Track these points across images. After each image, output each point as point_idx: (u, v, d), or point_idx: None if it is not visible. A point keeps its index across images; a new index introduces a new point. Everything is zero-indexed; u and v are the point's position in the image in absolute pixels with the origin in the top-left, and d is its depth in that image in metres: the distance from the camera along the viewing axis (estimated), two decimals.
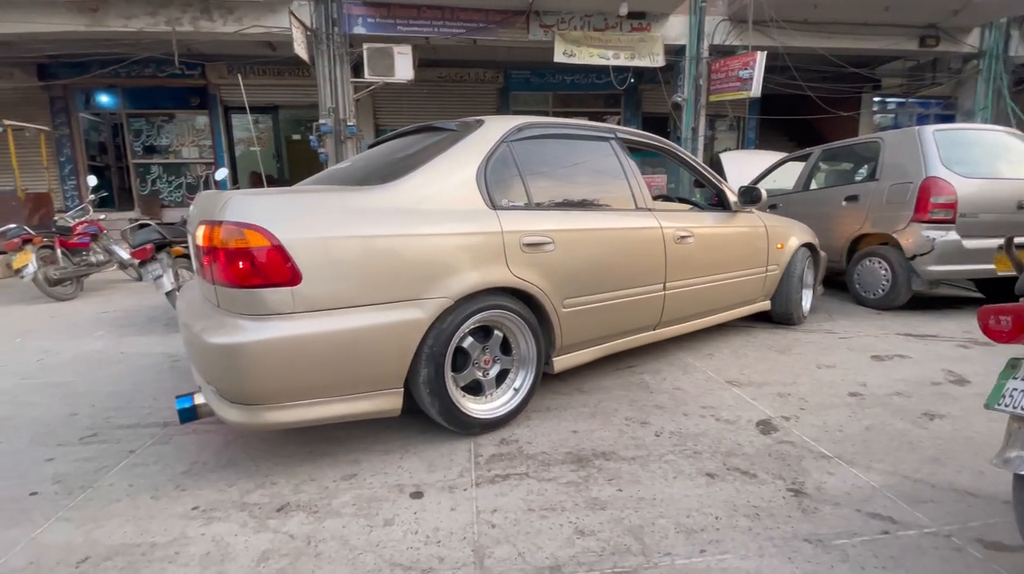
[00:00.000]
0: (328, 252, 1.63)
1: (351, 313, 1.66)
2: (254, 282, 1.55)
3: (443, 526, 1.44)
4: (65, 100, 10.34)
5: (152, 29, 7.61)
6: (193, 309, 1.86)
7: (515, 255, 2.00)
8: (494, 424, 2.03)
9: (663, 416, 2.16)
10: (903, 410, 2.19)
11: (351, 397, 1.72)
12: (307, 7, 7.63)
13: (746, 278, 3.16)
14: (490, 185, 2.06)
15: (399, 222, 1.78)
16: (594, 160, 2.57)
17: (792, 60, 8.83)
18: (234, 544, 1.39)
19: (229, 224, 1.55)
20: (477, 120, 2.25)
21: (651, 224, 2.55)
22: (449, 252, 1.84)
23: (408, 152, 2.22)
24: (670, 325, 2.78)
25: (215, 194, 1.74)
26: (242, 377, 1.55)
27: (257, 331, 1.55)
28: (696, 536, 1.40)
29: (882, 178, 4.11)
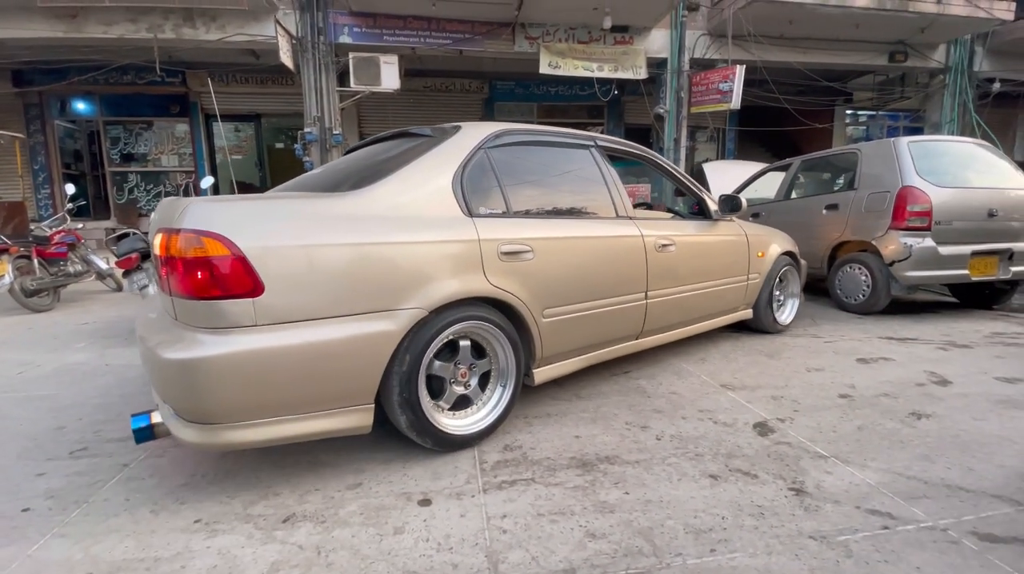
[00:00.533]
0: (292, 261, 1.54)
1: (317, 325, 1.57)
2: (213, 293, 1.46)
3: (454, 533, 1.44)
4: (40, 107, 10.10)
5: (133, 36, 7.51)
6: (150, 323, 1.77)
7: (492, 264, 1.94)
8: (470, 440, 1.94)
9: (662, 420, 2.19)
10: (891, 410, 2.26)
11: (317, 414, 1.63)
12: (292, 16, 7.61)
13: (728, 286, 3.16)
14: (467, 192, 2.00)
15: (369, 230, 1.70)
16: (574, 168, 2.54)
17: (769, 74, 9.11)
18: (241, 556, 1.36)
19: (187, 232, 1.46)
20: (454, 126, 2.19)
21: (632, 232, 2.51)
22: (423, 261, 1.78)
23: (381, 158, 2.16)
24: (653, 334, 2.76)
25: (174, 201, 1.66)
26: (199, 394, 1.47)
27: (215, 345, 1.46)
28: (705, 536, 1.42)
29: (860, 187, 4.26)
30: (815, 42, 9.01)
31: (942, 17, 8.13)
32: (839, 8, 7.80)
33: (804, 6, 7.79)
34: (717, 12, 8.58)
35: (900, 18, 8.10)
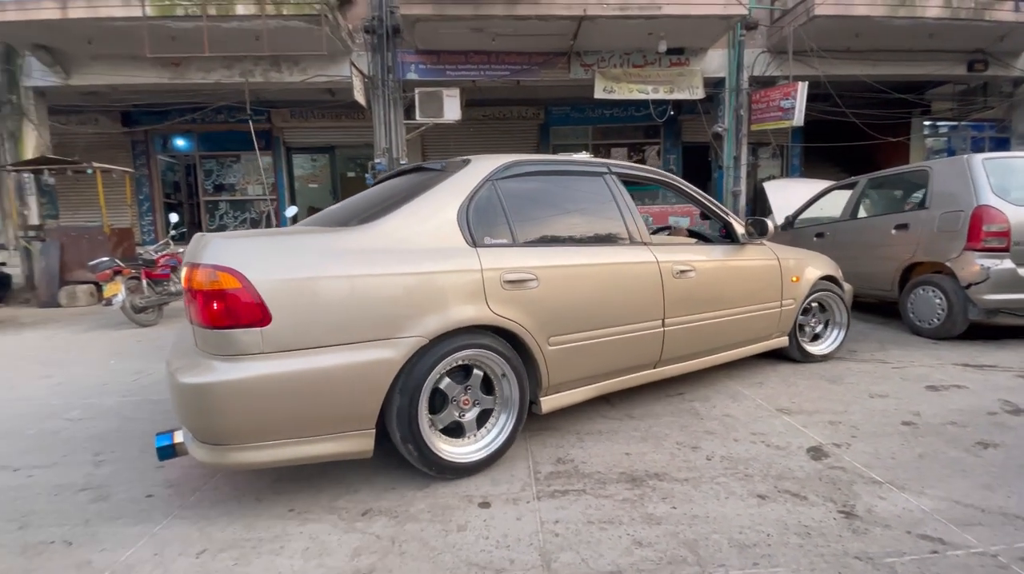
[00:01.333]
0: (298, 293, 1.64)
1: (321, 353, 1.66)
2: (226, 323, 1.58)
3: (511, 533, 1.60)
4: (145, 144, 11.44)
5: (227, 81, 8.44)
6: (177, 349, 1.92)
7: (495, 292, 1.97)
8: (471, 469, 1.97)
9: (713, 441, 2.25)
10: (957, 439, 2.20)
11: (320, 438, 1.71)
12: (365, 57, 8.28)
13: (758, 313, 3.02)
14: (472, 223, 2.06)
15: (372, 262, 1.79)
16: (586, 196, 2.54)
17: (837, 87, 8.82)
18: (328, 541, 1.58)
19: (205, 266, 1.60)
20: (464, 160, 2.27)
21: (646, 259, 2.47)
22: (423, 291, 1.83)
23: (393, 192, 2.24)
24: (674, 362, 2.68)
25: (201, 236, 1.78)
26: (210, 417, 1.59)
27: (226, 371, 1.57)
28: (749, 550, 1.49)
29: (932, 206, 4.09)
30: (885, 54, 8.65)
31: (1022, 25, 7.61)
32: (909, 20, 7.50)
33: (871, 19, 7.55)
34: (776, 30, 8.47)
35: (976, 27, 7.66)
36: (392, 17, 8.01)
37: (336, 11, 7.62)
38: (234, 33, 7.40)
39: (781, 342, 3.32)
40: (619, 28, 7.58)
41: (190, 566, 1.49)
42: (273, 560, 1.50)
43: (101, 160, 8.63)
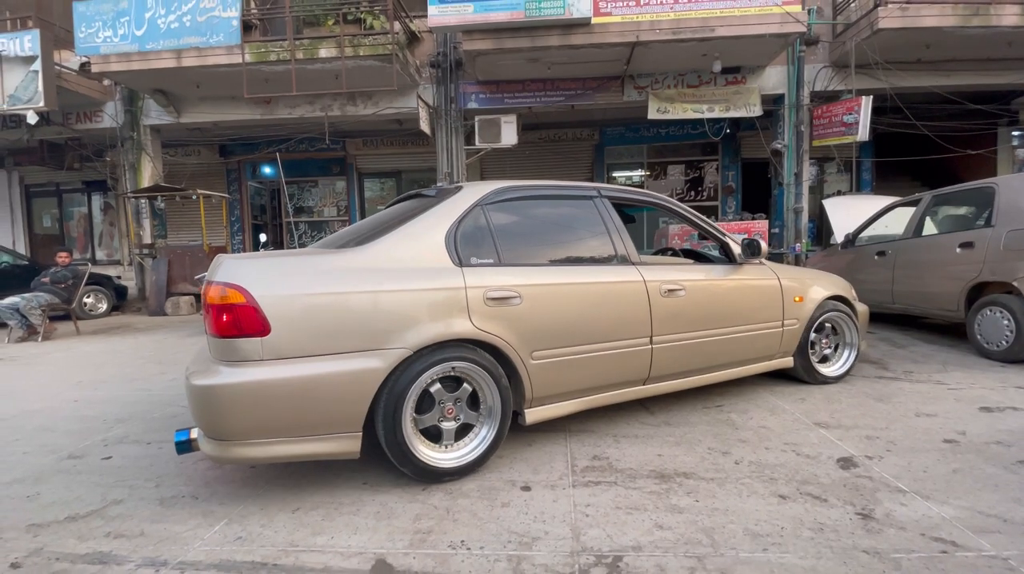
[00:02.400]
0: (295, 307, 1.84)
1: (313, 361, 1.84)
2: (232, 332, 1.79)
3: (547, 511, 1.84)
4: (238, 172, 12.78)
5: (310, 115, 9.36)
6: (196, 357, 2.19)
7: (479, 308, 2.11)
8: (453, 473, 2.09)
9: (744, 448, 2.38)
10: (998, 457, 2.20)
11: (312, 438, 1.89)
12: (430, 89, 8.94)
13: (757, 332, 3.02)
14: (460, 245, 2.21)
15: (363, 280, 1.96)
16: (573, 218, 2.64)
17: (908, 99, 8.47)
18: (396, 508, 1.90)
19: (217, 283, 1.82)
20: (456, 186, 2.45)
21: (632, 278, 2.55)
22: (409, 306, 1.99)
23: (392, 217, 2.42)
24: (665, 379, 2.73)
25: (219, 257, 1.99)
26: (215, 415, 1.80)
27: (229, 375, 1.78)
28: (761, 539, 1.65)
29: (998, 224, 3.95)
30: (960, 63, 8.24)
31: None
32: (984, 29, 7.14)
33: (941, 30, 7.26)
34: (839, 44, 8.30)
35: None
36: (455, 52, 8.64)
37: (405, 49, 8.32)
38: (317, 74, 8.27)
39: (785, 362, 3.27)
40: (672, 51, 7.75)
41: (288, 518, 1.85)
42: (352, 518, 1.84)
43: (201, 186, 9.79)
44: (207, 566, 1.59)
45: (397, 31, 7.95)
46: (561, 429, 2.67)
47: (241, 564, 1.59)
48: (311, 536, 1.74)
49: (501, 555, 1.60)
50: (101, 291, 8.60)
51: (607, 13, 7.30)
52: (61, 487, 2.18)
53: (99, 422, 3.03)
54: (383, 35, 7.78)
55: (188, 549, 1.69)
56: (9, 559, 1.66)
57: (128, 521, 1.89)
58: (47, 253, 11.72)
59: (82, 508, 1.99)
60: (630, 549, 1.61)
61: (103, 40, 8.16)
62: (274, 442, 1.86)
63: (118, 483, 2.21)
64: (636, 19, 7.29)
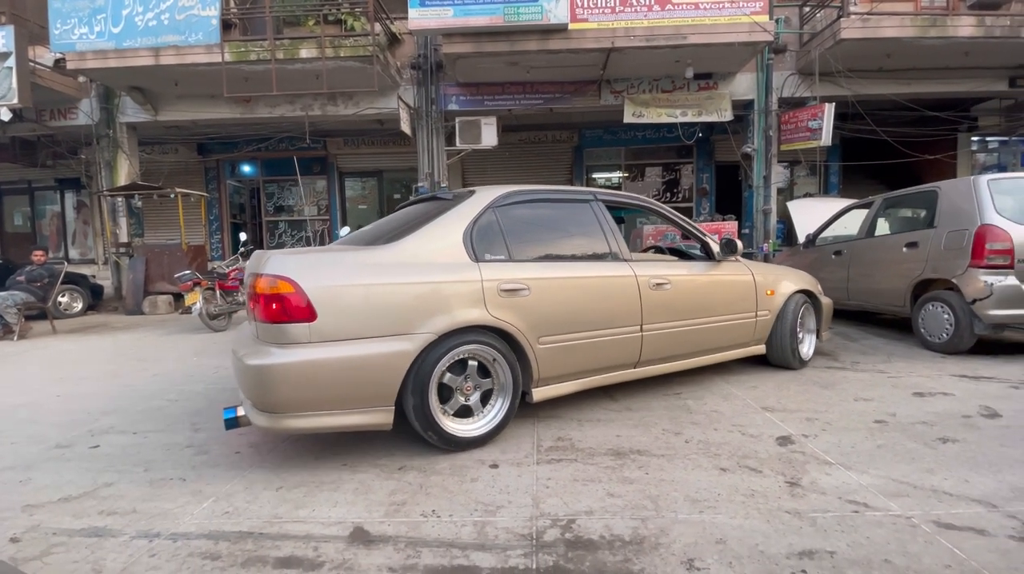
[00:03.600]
0: (338, 296, 2.09)
1: (353, 343, 2.09)
2: (282, 318, 2.02)
3: (512, 485, 2.03)
4: (216, 170, 12.71)
5: (290, 114, 9.41)
6: (240, 341, 2.43)
7: (493, 299, 2.38)
8: (472, 442, 2.36)
9: (696, 429, 2.60)
10: (921, 435, 2.46)
11: (350, 411, 2.13)
12: (411, 90, 9.07)
13: (734, 322, 3.36)
14: (475, 243, 2.48)
15: (394, 273, 2.23)
16: (573, 219, 2.94)
17: (872, 106, 8.87)
18: (373, 484, 2.06)
19: (267, 275, 2.06)
20: (470, 191, 2.73)
21: (625, 273, 2.86)
22: (434, 297, 2.26)
23: (413, 217, 2.69)
24: (654, 363, 3.04)
25: (263, 253, 2.25)
26: (269, 391, 2.02)
27: (281, 356, 2.02)
28: (699, 503, 1.86)
29: (940, 225, 4.27)
30: (920, 72, 8.67)
31: None
32: (941, 40, 7.56)
33: (901, 40, 7.66)
34: (805, 52, 8.67)
35: (1014, 44, 7.61)
36: (436, 54, 8.78)
37: (386, 51, 8.44)
38: (298, 73, 8.33)
39: (759, 349, 3.64)
40: (647, 57, 8.01)
41: (272, 495, 2.00)
42: (332, 494, 2.00)
43: (179, 185, 9.77)
44: (197, 536, 1.74)
45: (378, 32, 8.06)
46: (531, 415, 2.86)
47: (229, 534, 1.74)
48: (294, 510, 1.89)
49: (468, 521, 1.77)
50: (76, 290, 8.53)
51: (584, 19, 7.53)
52: (52, 473, 2.29)
53: (84, 415, 3.12)
54: (364, 36, 7.88)
55: (179, 522, 1.83)
56: (8, 534, 1.78)
57: (120, 501, 2.01)
58: (18, 252, 11.53)
59: (74, 490, 2.11)
60: (583, 513, 1.80)
61: (79, 37, 8.10)
62: (319, 414, 2.10)
63: (108, 468, 2.33)
64: (612, 26, 7.53)
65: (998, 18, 7.47)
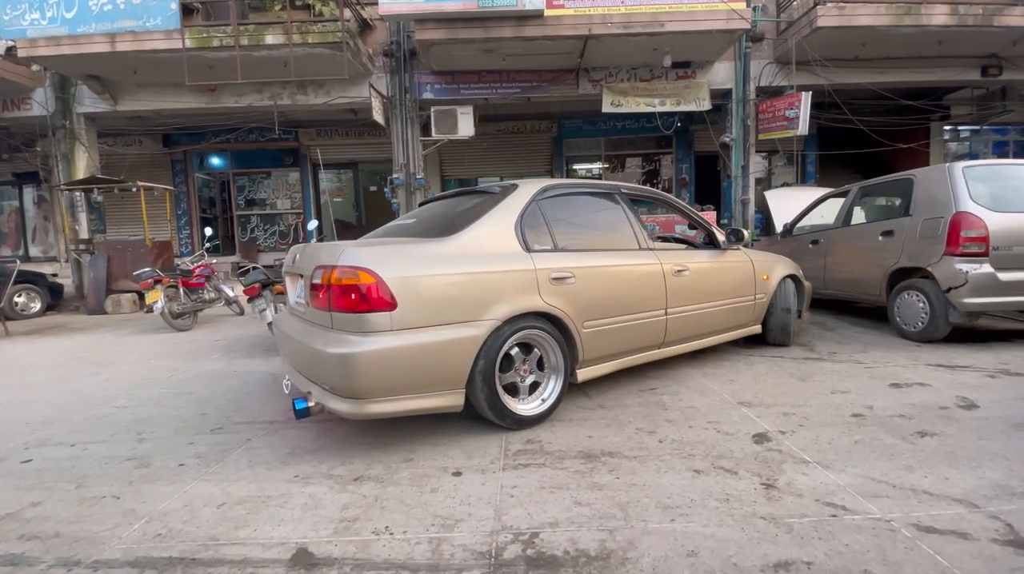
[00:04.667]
0: (414, 286, 2.18)
1: (429, 330, 2.20)
2: (363, 308, 2.09)
3: (474, 494, 1.89)
4: (184, 163, 12.26)
5: (258, 104, 9.06)
6: (302, 331, 2.42)
7: (545, 287, 2.54)
8: (530, 421, 2.52)
9: (670, 428, 2.50)
10: (898, 429, 2.39)
11: (427, 394, 2.24)
12: (384, 78, 8.79)
13: (737, 305, 3.67)
14: (525, 234, 2.64)
15: (461, 264, 2.35)
16: (603, 211, 3.16)
17: (849, 95, 8.88)
18: (324, 498, 1.91)
19: (345, 267, 2.12)
20: (512, 184, 2.87)
21: (652, 261, 3.10)
22: (497, 285, 2.40)
23: (461, 210, 2.82)
24: (674, 344, 3.28)
25: (326, 245, 2.35)
26: (353, 378, 2.07)
27: (365, 344, 2.07)
28: (671, 510, 1.75)
29: (915, 213, 4.23)
30: (894, 61, 8.70)
31: None
32: (915, 28, 7.56)
33: (875, 28, 7.64)
34: (782, 41, 8.62)
35: (986, 32, 7.66)
36: (409, 41, 8.52)
37: (357, 38, 8.15)
38: (264, 60, 8.00)
39: (756, 329, 3.99)
40: (624, 45, 7.87)
41: (212, 514, 1.84)
42: (278, 511, 1.84)
43: (144, 178, 9.36)
44: (121, 564, 1.57)
45: (347, 18, 7.76)
46: None
47: (157, 560, 1.58)
48: (233, 530, 1.73)
49: (422, 538, 1.64)
50: (34, 290, 8.12)
51: (560, 5, 7.35)
52: None
53: (22, 425, 2.90)
54: (333, 22, 7.60)
55: (104, 548, 1.66)
56: None
57: (44, 523, 1.83)
58: None
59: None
60: (547, 526, 1.68)
61: (30, 23, 7.66)
62: (398, 399, 2.17)
63: (37, 486, 2.14)
64: (588, 12, 7.37)
65: (971, 6, 7.49)
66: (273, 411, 2.93)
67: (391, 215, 9.65)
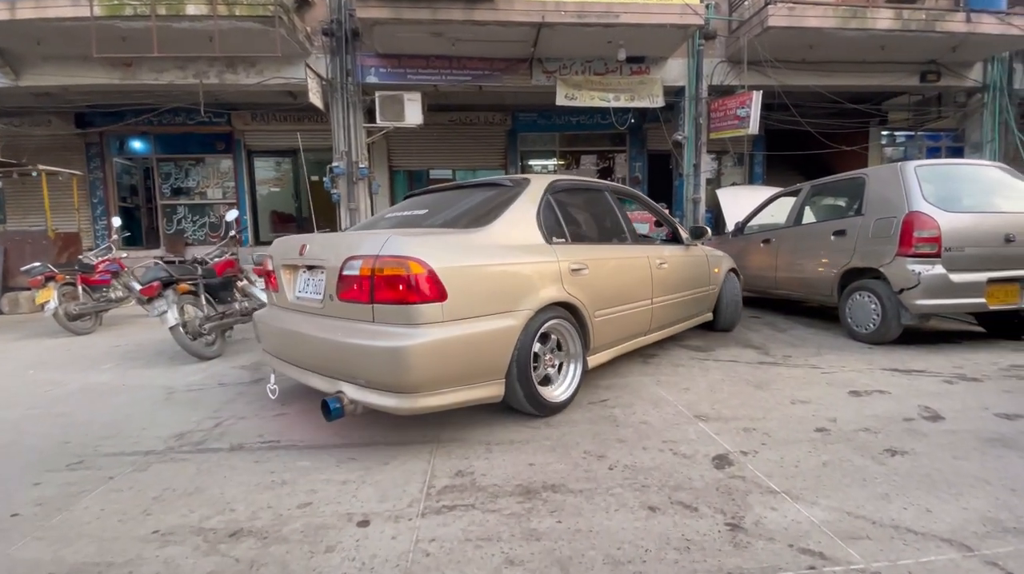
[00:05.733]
0: (461, 276, 2.14)
1: (476, 321, 2.17)
2: (413, 299, 2.01)
3: (380, 553, 1.51)
4: (100, 146, 11.08)
5: (181, 82, 8.21)
6: (323, 327, 2.26)
7: (566, 277, 2.61)
8: (559, 406, 2.57)
9: (622, 450, 2.19)
10: (866, 446, 2.18)
11: (473, 386, 2.20)
12: (323, 59, 8.15)
13: (699, 295, 4.05)
14: (543, 226, 2.69)
15: (499, 255, 2.36)
16: (600, 206, 3.38)
17: (796, 97, 8.99)
18: (183, 566, 1.47)
19: (394, 256, 2.03)
20: (524, 178, 2.90)
21: (641, 254, 3.31)
22: (530, 276, 2.44)
23: (480, 201, 2.78)
24: (656, 331, 3.52)
25: (356, 234, 2.45)
26: (406, 372, 1.97)
27: (417, 336, 1.99)
28: (622, 568, 1.43)
29: (867, 213, 4.15)
30: (839, 65, 8.86)
31: (973, 36, 7.88)
32: (861, 31, 7.69)
33: (823, 31, 7.72)
34: (734, 40, 8.61)
35: (928, 38, 7.89)
36: (351, 20, 7.92)
37: (292, 13, 7.48)
38: (186, 34, 7.22)
39: (708, 317, 4.41)
40: (578, 36, 7.61)
41: None
42: None
43: (54, 162, 8.34)
44: None
45: None
46: (432, 439, 2.35)
47: None
48: None
49: None
50: None
51: None
52: None
53: None
54: None
55: None
56: None
57: None
58: None
59: None
60: None
61: None
62: (447, 391, 2.13)
63: None
64: None
65: (915, 11, 7.68)
66: (154, 437, 2.43)
67: (334, 207, 9.02)
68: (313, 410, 2.68)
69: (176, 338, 3.82)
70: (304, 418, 2.64)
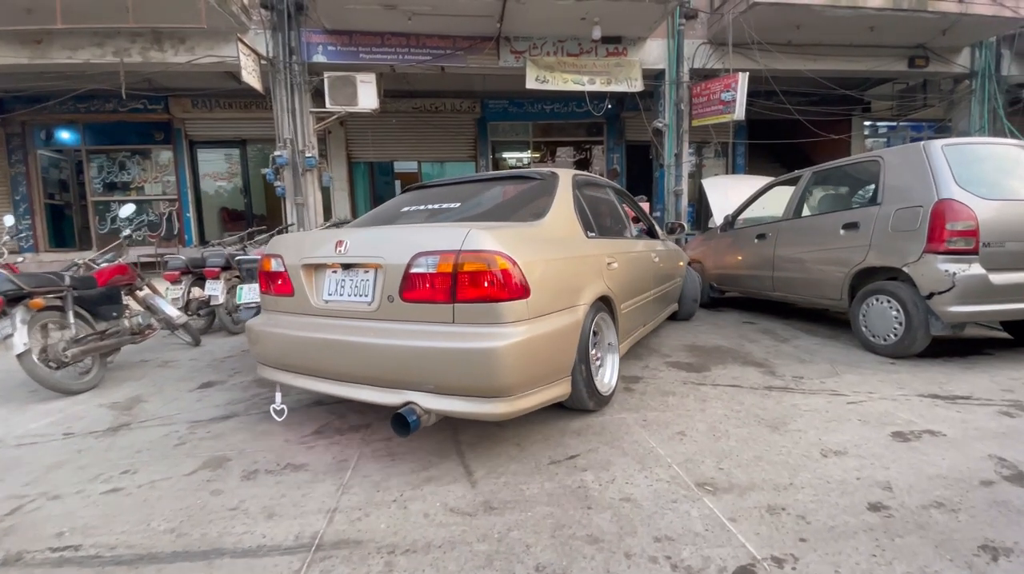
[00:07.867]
0: (539, 270, 2.03)
1: (552, 317, 2.07)
2: (500, 296, 1.87)
3: None
4: (23, 136, 9.94)
5: (99, 60, 7.21)
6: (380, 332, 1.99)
7: (605, 270, 2.62)
8: (608, 398, 2.58)
9: (595, 561, 1.45)
10: (951, 541, 1.49)
11: (547, 385, 2.06)
12: (263, 36, 7.23)
13: (675, 287, 4.32)
14: (580, 220, 2.64)
15: (560, 248, 2.30)
16: (607, 201, 3.38)
17: (780, 83, 8.42)
18: None
19: (478, 251, 1.87)
20: (551, 172, 2.80)
21: (644, 248, 3.44)
22: (585, 270, 2.43)
23: (520, 193, 2.78)
24: (648, 322, 3.57)
25: (423, 227, 2.21)
26: (502, 373, 1.81)
27: (509, 335, 1.84)
28: None
29: (885, 202, 3.50)
30: (827, 48, 8.32)
31: (965, 17, 7.37)
32: (851, 10, 7.11)
33: (811, 9, 7.12)
34: (717, 19, 7.97)
35: (919, 19, 7.36)
36: None
37: None
38: (99, 3, 6.25)
39: (675, 309, 4.60)
40: (548, 10, 6.86)
41: None
42: None
43: None
44: None
45: None
46: (315, 546, 1.58)
47: None
48: None
49: None
50: None
51: None
52: None
53: None
54: None
55: None
56: None
57: None
58: None
59: None
60: None
61: None
62: (534, 392, 2.00)
63: None
64: None
65: None
66: None
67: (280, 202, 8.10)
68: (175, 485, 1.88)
69: (25, 368, 2.95)
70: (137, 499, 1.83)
